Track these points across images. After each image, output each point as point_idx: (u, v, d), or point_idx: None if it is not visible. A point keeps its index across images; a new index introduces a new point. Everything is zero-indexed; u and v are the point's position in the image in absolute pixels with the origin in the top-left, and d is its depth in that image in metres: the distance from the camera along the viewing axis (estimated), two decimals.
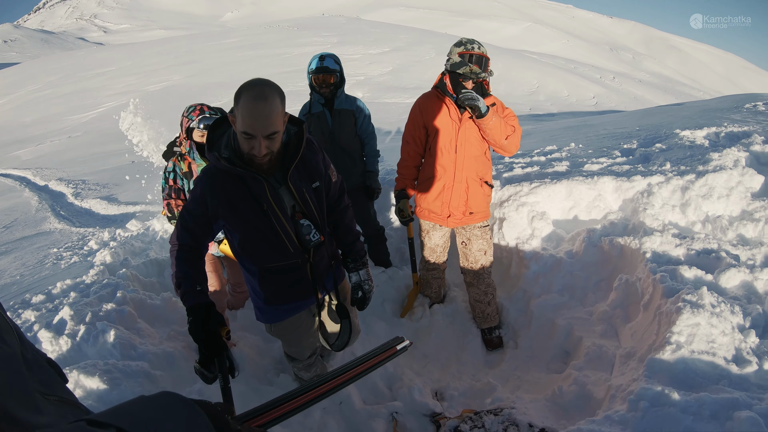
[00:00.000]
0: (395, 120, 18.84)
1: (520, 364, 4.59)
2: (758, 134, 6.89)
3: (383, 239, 5.74)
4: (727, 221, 4.99)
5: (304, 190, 2.84)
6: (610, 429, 2.90)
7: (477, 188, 4.50)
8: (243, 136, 2.49)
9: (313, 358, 3.70)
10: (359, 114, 5.11)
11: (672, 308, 3.57)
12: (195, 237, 2.79)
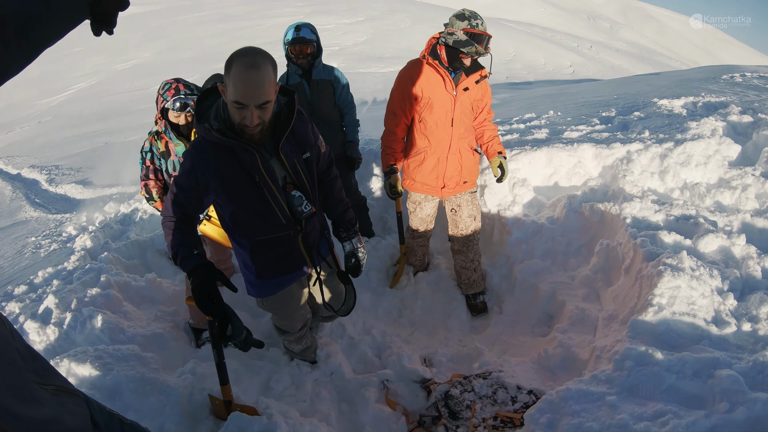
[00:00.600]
0: (371, 90, 18.67)
1: (506, 328, 4.69)
2: (735, 105, 7.03)
3: (365, 209, 5.75)
4: (705, 188, 5.12)
5: (295, 161, 2.82)
6: (597, 387, 3.00)
7: (470, 157, 4.56)
8: (234, 106, 2.45)
9: (303, 331, 3.72)
10: (337, 84, 5.05)
11: (653, 272, 3.67)
12: (186, 210, 2.75)
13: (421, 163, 4.56)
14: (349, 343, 4.38)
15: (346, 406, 3.84)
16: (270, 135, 2.72)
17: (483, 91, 4.45)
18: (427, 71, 4.27)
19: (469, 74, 4.28)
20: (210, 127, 2.58)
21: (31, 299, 4.65)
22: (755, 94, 8.20)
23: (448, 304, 5.02)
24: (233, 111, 2.49)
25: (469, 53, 4.01)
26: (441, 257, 5.53)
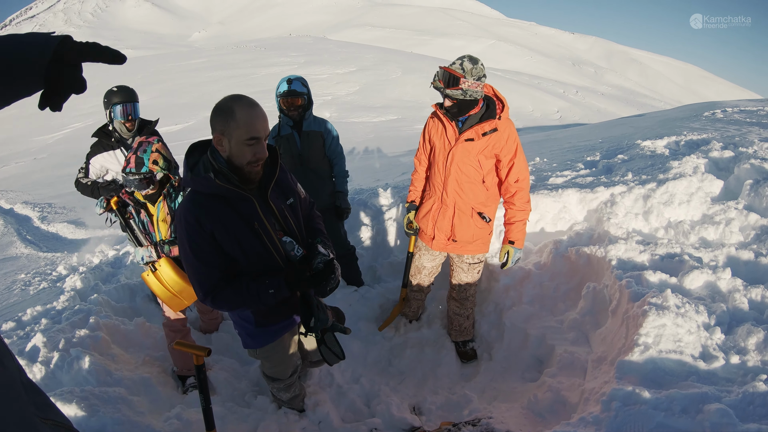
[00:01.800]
0: (362, 139, 18.93)
1: (495, 375, 4.65)
2: (716, 141, 7.20)
3: (354, 258, 5.79)
4: (689, 225, 5.19)
5: (282, 207, 2.92)
6: (585, 430, 2.98)
7: (466, 218, 4.34)
8: (247, 145, 2.57)
9: (294, 377, 3.70)
10: (327, 135, 5.14)
11: (638, 311, 3.70)
12: (221, 268, 2.79)
13: (422, 205, 4.63)
14: (338, 391, 4.34)
15: None
16: (257, 185, 2.81)
17: (496, 146, 4.07)
18: (433, 117, 4.32)
19: (476, 124, 4.02)
20: (212, 177, 2.63)
21: (18, 336, 4.61)
22: (736, 129, 8.42)
23: (438, 353, 4.98)
24: (244, 151, 2.60)
25: (433, 87, 4.00)
26: (433, 306, 5.53)
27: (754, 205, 5.26)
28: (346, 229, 5.88)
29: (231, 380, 4.46)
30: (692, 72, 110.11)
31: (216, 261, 2.76)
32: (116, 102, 4.88)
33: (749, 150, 6.47)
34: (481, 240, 4.46)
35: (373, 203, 6.64)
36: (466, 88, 3.86)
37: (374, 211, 6.56)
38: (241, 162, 2.63)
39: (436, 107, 4.19)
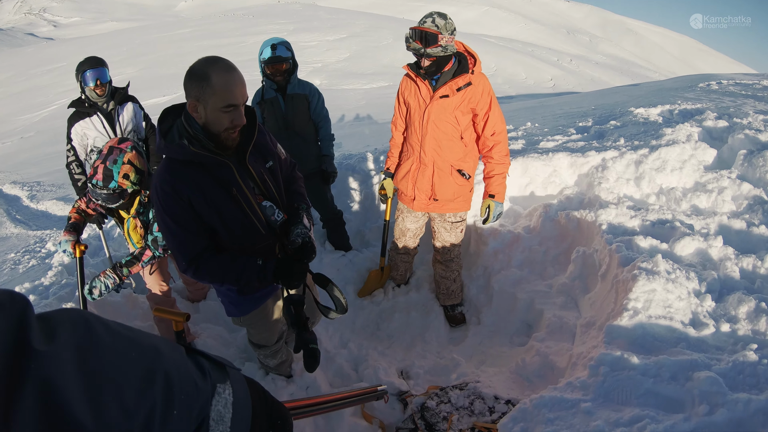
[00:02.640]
0: (353, 106, 18.72)
1: (484, 339, 4.62)
2: (711, 111, 7.09)
3: (341, 223, 5.69)
4: (681, 193, 5.12)
5: (261, 170, 2.80)
6: (572, 395, 2.93)
7: (446, 175, 4.28)
8: (224, 112, 2.44)
9: (280, 344, 3.64)
10: (312, 98, 4.99)
11: (628, 276, 3.63)
12: (204, 236, 2.71)
13: (399, 167, 4.53)
14: (326, 356, 4.29)
15: (322, 421, 3.73)
16: (234, 149, 2.69)
17: (472, 101, 4.03)
18: (406, 79, 4.25)
19: (450, 80, 3.99)
20: (187, 144, 2.52)
21: None
22: (731, 100, 8.28)
23: (426, 317, 4.95)
24: (221, 118, 2.47)
25: (411, 50, 3.90)
26: (421, 271, 5.47)
27: (747, 175, 5.20)
28: (334, 194, 5.78)
29: (218, 347, 4.40)
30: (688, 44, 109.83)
31: (199, 228, 2.67)
32: (84, 69, 4.93)
33: (744, 121, 6.39)
34: (462, 197, 4.42)
35: (361, 168, 6.52)
36: (445, 44, 3.81)
37: (363, 176, 6.45)
38: (218, 129, 2.50)
39: (408, 68, 4.15)
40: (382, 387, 2.36)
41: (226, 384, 1.10)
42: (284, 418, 1.31)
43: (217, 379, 1.09)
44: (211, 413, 1.03)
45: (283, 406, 1.35)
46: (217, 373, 1.10)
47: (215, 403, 1.05)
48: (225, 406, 1.06)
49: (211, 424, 1.03)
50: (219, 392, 1.07)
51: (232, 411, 1.07)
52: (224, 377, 1.11)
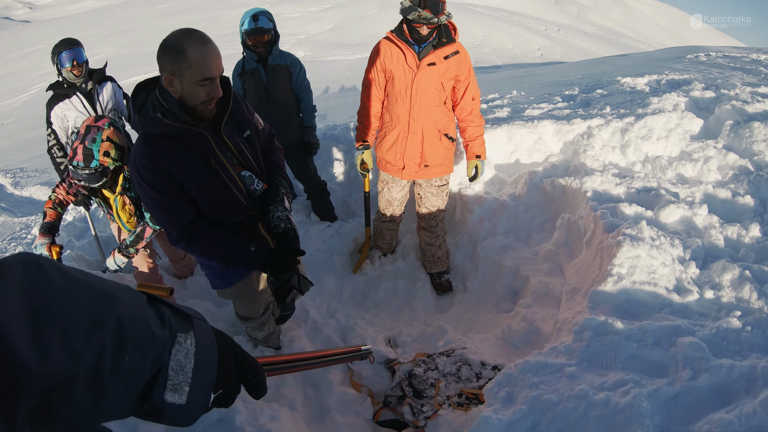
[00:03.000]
0: (338, 77, 18.52)
1: (470, 306, 4.63)
2: (698, 82, 7.06)
3: (326, 194, 5.62)
4: (667, 161, 5.11)
5: (238, 140, 2.76)
6: (557, 359, 2.95)
7: (434, 141, 4.31)
8: (200, 85, 2.39)
9: (266, 315, 3.62)
10: (294, 68, 4.91)
11: (612, 242, 3.63)
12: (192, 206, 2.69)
13: (383, 138, 4.45)
14: (313, 327, 4.28)
15: (311, 390, 3.75)
16: (210, 120, 2.65)
17: (457, 68, 4.14)
18: (388, 45, 4.14)
19: (437, 48, 4.04)
20: (161, 117, 2.47)
21: None
22: (719, 72, 8.25)
23: (413, 285, 4.94)
24: (197, 92, 2.42)
25: (414, 20, 3.84)
26: (407, 240, 5.45)
27: (733, 146, 5.20)
28: (318, 165, 5.72)
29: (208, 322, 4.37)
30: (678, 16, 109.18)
31: (187, 198, 2.65)
32: (60, 51, 4.84)
33: (731, 92, 6.35)
34: (448, 160, 4.50)
35: (345, 138, 6.43)
36: (447, 11, 3.88)
37: (347, 146, 6.36)
38: (194, 103, 2.46)
39: (393, 35, 4.10)
40: (366, 347, 2.34)
41: (188, 334, 1.07)
42: (255, 373, 1.28)
43: (179, 328, 1.05)
44: (170, 362, 1.00)
45: (254, 360, 1.32)
46: (179, 322, 1.07)
47: (175, 352, 1.02)
48: (186, 356, 1.03)
49: (170, 373, 1.00)
50: (179, 341, 1.04)
51: (194, 361, 1.04)
52: (187, 327, 1.08)
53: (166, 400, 0.99)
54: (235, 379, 1.22)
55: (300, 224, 5.32)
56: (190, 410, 1.04)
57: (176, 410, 1.01)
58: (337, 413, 3.53)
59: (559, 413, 2.61)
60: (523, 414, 2.65)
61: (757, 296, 3.19)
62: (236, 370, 1.22)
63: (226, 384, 1.18)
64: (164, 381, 0.99)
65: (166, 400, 0.99)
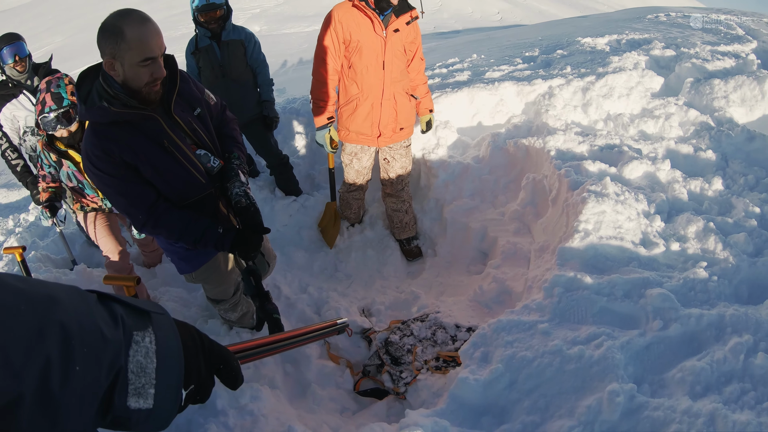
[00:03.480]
0: (296, 50, 18.17)
1: (441, 270, 4.63)
2: (659, 41, 7.12)
3: (289, 168, 5.46)
4: (628, 119, 5.15)
5: (189, 119, 2.68)
6: (529, 317, 2.97)
7: (405, 102, 4.31)
8: (142, 66, 2.31)
9: (238, 295, 3.55)
10: (249, 43, 4.79)
11: (578, 199, 3.65)
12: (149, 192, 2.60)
13: (354, 111, 4.28)
14: (287, 303, 4.22)
15: (290, 367, 3.71)
16: (159, 101, 2.58)
17: (414, 32, 4.23)
18: (354, 14, 3.95)
19: (399, 15, 4.00)
20: (108, 105, 2.39)
21: None
22: (679, 31, 8.29)
23: (383, 253, 4.91)
24: (140, 73, 2.34)
25: None
26: (374, 209, 5.39)
27: (694, 102, 5.26)
28: (279, 139, 5.59)
29: (179, 309, 4.24)
30: None
31: (145, 181, 2.57)
32: (0, 48, 4.59)
33: (691, 51, 6.43)
34: (414, 121, 4.54)
35: (305, 111, 6.24)
36: None
37: (307, 119, 6.18)
38: (138, 85, 2.38)
39: (362, 3, 3.94)
40: (342, 320, 2.29)
41: (146, 331, 0.96)
42: (227, 362, 1.18)
43: (134, 326, 0.94)
44: (129, 365, 0.90)
45: (225, 349, 1.21)
46: (134, 319, 0.96)
47: (133, 353, 0.91)
48: (146, 356, 0.93)
49: (130, 377, 0.90)
50: (136, 341, 0.93)
51: (156, 360, 0.94)
52: (144, 324, 0.97)
53: (130, 406, 0.90)
54: (207, 372, 1.12)
55: (265, 200, 5.21)
56: (159, 414, 0.94)
57: (144, 416, 0.92)
58: (318, 387, 3.51)
59: (534, 370, 2.63)
60: (500, 373, 2.67)
61: (722, 247, 3.25)
62: (206, 362, 1.12)
63: (196, 378, 1.07)
64: (125, 386, 0.89)
65: (130, 407, 0.90)
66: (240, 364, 1.26)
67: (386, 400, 3.43)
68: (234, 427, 2.82)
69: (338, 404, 3.49)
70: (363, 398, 3.52)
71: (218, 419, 2.83)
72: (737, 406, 2.28)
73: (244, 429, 2.83)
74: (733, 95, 5.17)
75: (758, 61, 6.16)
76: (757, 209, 3.69)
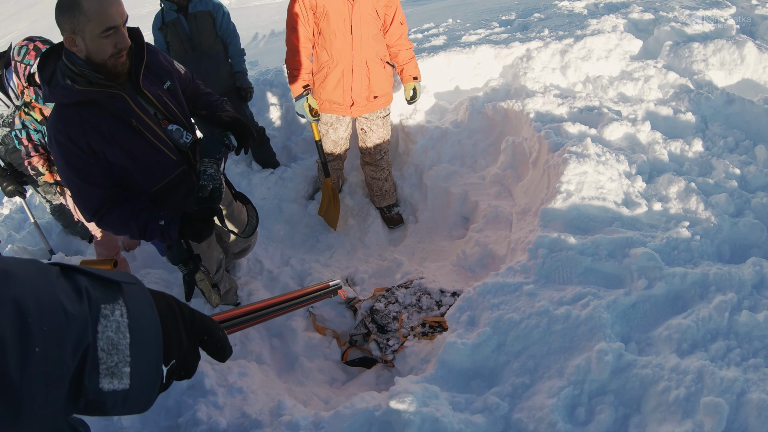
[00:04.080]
0: (267, 22, 17.71)
1: (423, 236, 4.58)
2: (637, 5, 7.06)
3: (265, 140, 5.31)
4: (608, 81, 5.10)
5: (159, 93, 2.59)
6: (514, 279, 2.94)
7: (379, 69, 4.13)
8: (104, 37, 2.21)
9: (220, 273, 3.49)
10: (217, 13, 4.59)
11: (559, 160, 3.60)
12: (105, 186, 2.51)
13: (325, 79, 4.14)
14: (269, 277, 4.16)
15: (276, 341, 3.68)
16: (126, 76, 2.47)
17: None
18: None
19: None
20: (71, 84, 2.30)
21: None
22: None
23: (364, 222, 4.83)
24: (103, 45, 2.24)
25: None
26: (353, 178, 5.29)
27: (673, 65, 5.24)
28: (254, 112, 5.43)
29: (162, 290, 4.20)
30: None
31: (99, 180, 2.48)
32: None
33: (669, 14, 6.38)
34: (390, 89, 4.36)
35: (280, 82, 6.07)
36: None
37: (282, 90, 6.01)
38: (103, 58, 2.27)
39: None
40: (335, 281, 2.20)
41: (115, 304, 0.84)
42: (211, 332, 1.07)
43: (102, 299, 0.82)
44: (98, 342, 0.79)
45: (209, 319, 1.11)
46: (102, 292, 0.84)
47: (102, 329, 0.80)
48: (117, 331, 0.81)
49: (101, 355, 0.79)
50: (105, 315, 0.81)
51: (130, 335, 0.83)
52: (114, 296, 0.85)
53: (103, 388, 0.79)
54: (189, 344, 1.01)
55: (242, 174, 5.07)
56: (138, 394, 0.84)
57: (121, 398, 0.82)
58: (305, 359, 3.49)
59: (522, 331, 2.61)
60: (487, 336, 2.64)
61: (703, 207, 3.25)
62: (188, 334, 1.01)
63: (178, 352, 0.96)
64: (95, 367, 0.78)
65: (103, 389, 0.79)
66: (227, 334, 1.16)
67: (375, 368, 3.40)
68: (224, 405, 2.78)
69: (327, 375, 3.46)
70: (351, 368, 3.50)
71: (207, 399, 2.78)
72: (724, 363, 2.30)
73: (234, 407, 2.79)
74: (713, 59, 5.16)
75: (737, 26, 6.14)
76: (737, 170, 3.71)
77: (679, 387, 2.14)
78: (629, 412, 2.23)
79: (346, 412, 2.40)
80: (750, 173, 3.70)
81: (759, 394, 2.06)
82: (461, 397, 2.49)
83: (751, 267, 2.79)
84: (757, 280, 2.72)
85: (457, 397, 2.48)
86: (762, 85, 5.06)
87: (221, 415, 2.70)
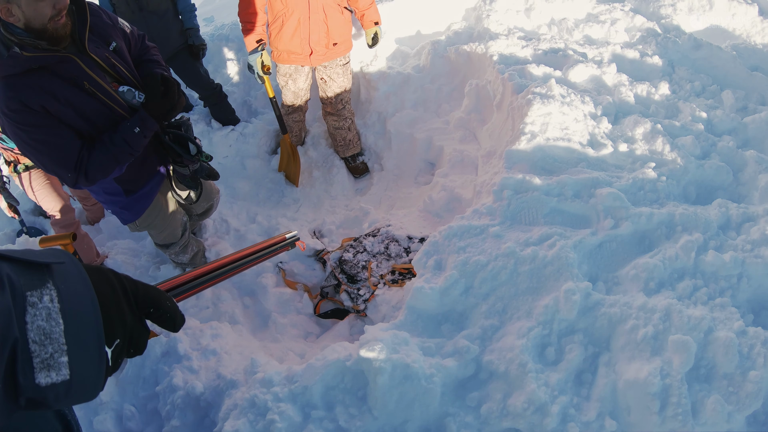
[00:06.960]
0: None
1: (389, 184, 4.50)
2: None
3: (223, 97, 5.04)
4: (573, 23, 4.98)
5: (107, 55, 2.44)
6: (480, 221, 2.87)
7: (337, 15, 3.94)
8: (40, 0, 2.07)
9: (186, 237, 3.39)
10: None
11: (523, 102, 3.49)
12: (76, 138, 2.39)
13: (281, 29, 3.92)
14: (236, 236, 4.04)
15: (248, 300, 3.61)
16: (70, 40, 2.33)
17: None
18: None
19: None
20: (19, 51, 2.16)
21: None
22: None
23: (329, 173, 4.70)
24: (41, 8, 2.10)
25: None
26: (315, 129, 5.12)
27: (640, 9, 5.15)
28: (210, 69, 5.16)
29: (130, 260, 3.99)
30: None
31: (66, 130, 2.35)
32: None
33: None
34: (349, 35, 4.21)
35: (236, 36, 5.78)
36: None
37: (237, 44, 5.74)
38: (42, 22, 2.14)
39: None
40: (291, 233, 2.09)
41: (43, 289, 0.72)
42: (157, 304, 0.96)
43: (28, 285, 0.71)
44: (29, 334, 0.68)
45: (154, 289, 0.99)
46: (27, 277, 0.72)
47: (31, 318, 0.69)
48: (48, 318, 0.71)
49: (33, 348, 0.68)
50: (32, 303, 0.70)
51: (63, 321, 0.72)
52: (41, 280, 0.73)
53: (40, 384, 0.68)
54: (134, 320, 0.90)
55: (202, 133, 4.79)
56: (82, 383, 0.73)
57: (63, 390, 0.71)
58: (278, 315, 3.44)
59: (489, 273, 2.56)
60: (455, 279, 2.59)
61: (669, 148, 3.21)
62: (131, 309, 0.90)
63: (122, 330, 0.85)
64: (28, 361, 0.68)
65: (40, 385, 0.68)
66: (176, 303, 1.04)
67: (347, 319, 3.36)
68: (199, 369, 2.72)
69: (301, 330, 3.41)
70: (324, 320, 3.45)
71: (182, 364, 2.72)
72: (690, 301, 2.31)
73: (210, 369, 2.72)
74: (681, 3, 5.10)
75: None
76: (703, 114, 3.68)
77: (647, 325, 2.13)
78: (598, 350, 2.22)
79: (318, 364, 2.35)
80: (716, 117, 3.67)
81: (726, 333, 2.06)
82: (431, 341, 2.45)
83: (717, 208, 2.79)
84: (723, 221, 2.73)
85: (427, 342, 2.44)
86: (730, 31, 5.01)
87: (197, 378, 2.64)
